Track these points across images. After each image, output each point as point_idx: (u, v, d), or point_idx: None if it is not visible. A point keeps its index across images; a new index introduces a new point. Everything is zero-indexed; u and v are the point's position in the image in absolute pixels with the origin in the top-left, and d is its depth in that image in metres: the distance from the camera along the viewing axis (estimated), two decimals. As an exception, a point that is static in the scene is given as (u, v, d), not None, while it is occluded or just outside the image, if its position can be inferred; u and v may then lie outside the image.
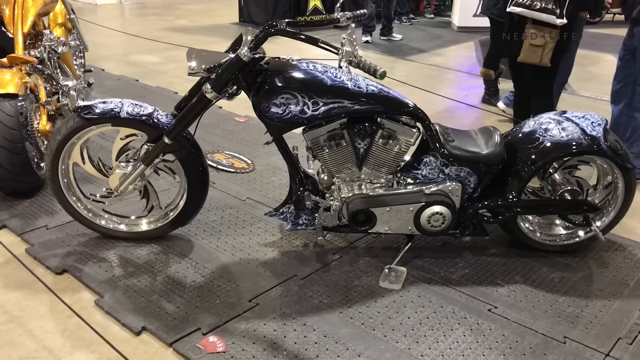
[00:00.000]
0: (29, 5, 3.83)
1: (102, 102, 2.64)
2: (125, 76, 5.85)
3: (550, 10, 3.50)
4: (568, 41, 3.67)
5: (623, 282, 2.70)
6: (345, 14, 2.59)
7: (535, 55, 3.68)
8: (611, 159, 2.69)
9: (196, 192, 2.81)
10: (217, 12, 9.83)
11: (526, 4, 3.59)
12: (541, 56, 3.66)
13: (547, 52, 3.64)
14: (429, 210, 2.64)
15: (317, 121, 2.54)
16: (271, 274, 2.67)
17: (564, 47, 3.67)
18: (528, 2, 3.57)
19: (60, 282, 2.58)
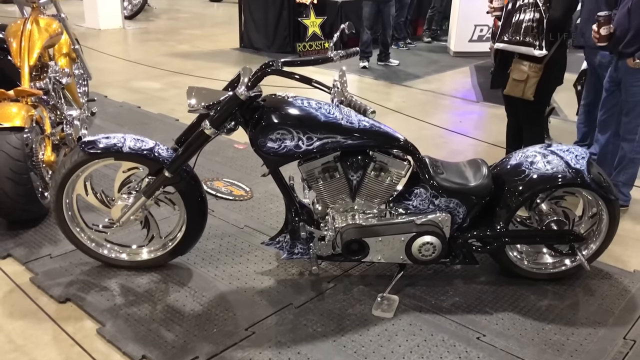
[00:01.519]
0: (36, 39, 3.96)
1: (105, 137, 2.75)
2: (128, 103, 5.98)
3: (528, 42, 3.64)
4: (554, 76, 3.80)
5: (608, 310, 2.78)
6: (339, 53, 2.71)
7: (518, 89, 3.82)
8: (595, 191, 2.79)
9: (195, 222, 2.91)
10: (218, 38, 10.00)
11: (508, 40, 3.74)
12: (523, 90, 3.80)
13: (529, 86, 3.76)
14: (420, 240, 2.74)
15: (311, 155, 2.65)
16: (267, 302, 2.76)
17: (549, 81, 3.79)
18: (508, 38, 3.72)
19: (63, 311, 2.67)
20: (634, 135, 3.69)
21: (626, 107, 3.69)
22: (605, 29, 3.60)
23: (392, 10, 8.09)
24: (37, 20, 4.09)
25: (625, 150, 3.75)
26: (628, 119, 3.70)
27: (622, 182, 3.76)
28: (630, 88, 3.63)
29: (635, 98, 3.62)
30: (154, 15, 12.52)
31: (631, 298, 2.89)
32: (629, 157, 3.74)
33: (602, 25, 3.60)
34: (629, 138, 3.71)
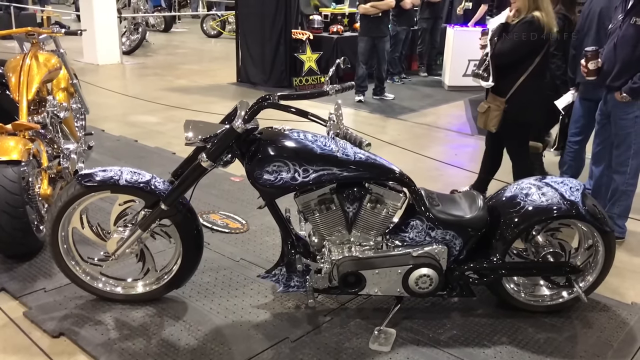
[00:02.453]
0: (34, 73, 4.00)
1: (102, 170, 2.76)
2: (125, 137, 6.01)
3: (481, 75, 3.87)
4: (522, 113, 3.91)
5: (607, 343, 2.76)
6: (334, 87, 2.74)
7: (481, 120, 4.05)
8: (590, 223, 2.80)
9: (191, 255, 2.90)
10: (216, 72, 10.12)
11: (472, 73, 4.07)
12: (485, 121, 3.99)
13: (491, 118, 3.95)
14: (416, 272, 2.73)
15: (307, 187, 2.66)
16: (263, 336, 2.74)
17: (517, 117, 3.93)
18: (473, 71, 4.03)
19: (57, 346, 2.64)
20: (625, 167, 3.73)
21: (616, 140, 3.74)
22: (593, 64, 3.70)
23: (387, 45, 8.23)
24: (36, 55, 4.15)
25: (618, 183, 3.78)
26: (618, 152, 3.75)
27: (617, 214, 3.77)
28: (619, 121, 3.69)
29: (624, 131, 3.68)
30: (152, 50, 12.67)
31: (630, 330, 2.87)
32: (621, 189, 3.77)
33: (589, 60, 3.70)
34: (621, 170, 3.75)
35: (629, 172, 3.72)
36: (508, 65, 3.86)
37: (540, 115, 4.05)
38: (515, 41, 3.78)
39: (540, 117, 4.06)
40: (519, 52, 3.81)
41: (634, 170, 3.73)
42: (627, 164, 3.71)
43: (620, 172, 3.77)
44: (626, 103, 3.61)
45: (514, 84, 3.85)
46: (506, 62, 3.86)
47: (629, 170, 3.72)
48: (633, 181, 3.77)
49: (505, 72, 3.88)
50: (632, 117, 3.63)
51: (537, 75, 3.87)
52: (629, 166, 3.71)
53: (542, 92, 3.95)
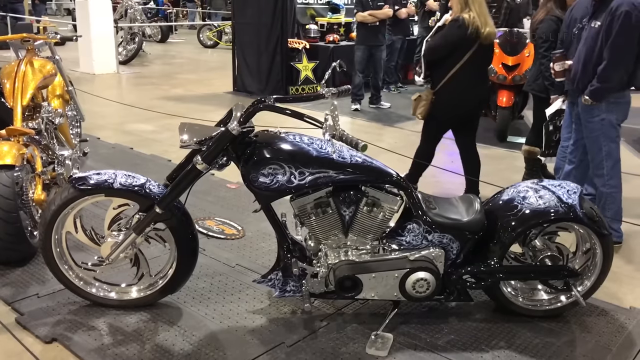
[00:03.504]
0: (29, 79, 3.99)
1: (96, 173, 2.74)
2: (120, 144, 5.99)
3: (417, 71, 4.41)
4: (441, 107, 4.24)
5: (605, 347, 2.74)
6: (330, 90, 2.74)
7: (412, 107, 4.43)
8: (587, 226, 2.79)
9: (186, 259, 2.87)
10: (212, 82, 10.13)
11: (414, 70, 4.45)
12: (415, 109, 4.37)
13: (419, 106, 4.31)
14: (413, 276, 2.71)
15: (303, 190, 2.64)
16: (259, 341, 2.70)
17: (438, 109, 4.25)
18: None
19: (49, 352, 2.60)
20: (601, 170, 3.78)
21: (588, 144, 3.82)
22: (559, 65, 3.91)
23: (383, 54, 8.25)
24: (31, 61, 4.14)
25: (599, 186, 3.84)
26: (592, 155, 3.81)
27: (610, 217, 3.76)
28: (587, 124, 3.77)
29: (593, 134, 3.73)
30: (149, 60, 12.70)
31: (628, 335, 2.85)
32: (605, 192, 3.80)
33: (556, 61, 3.93)
34: (598, 173, 3.80)
35: (606, 174, 3.75)
36: (437, 61, 4.20)
37: (467, 109, 4.31)
38: (441, 39, 4.16)
39: (467, 110, 4.31)
40: (444, 49, 4.12)
41: (610, 171, 3.75)
42: (602, 166, 3.75)
43: (598, 175, 3.81)
44: (591, 106, 3.67)
45: (442, 79, 4.15)
46: (434, 58, 4.21)
47: (606, 172, 3.75)
48: (613, 182, 3.78)
49: (435, 68, 4.25)
50: (599, 120, 3.68)
51: (465, 72, 4.10)
52: (604, 168, 3.75)
53: (468, 88, 4.17)
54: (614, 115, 3.67)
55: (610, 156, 3.74)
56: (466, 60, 4.05)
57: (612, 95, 3.61)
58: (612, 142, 3.73)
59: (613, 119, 3.68)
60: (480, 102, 4.42)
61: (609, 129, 3.69)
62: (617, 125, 3.72)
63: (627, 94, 3.71)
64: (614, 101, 3.64)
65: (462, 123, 4.39)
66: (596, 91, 3.60)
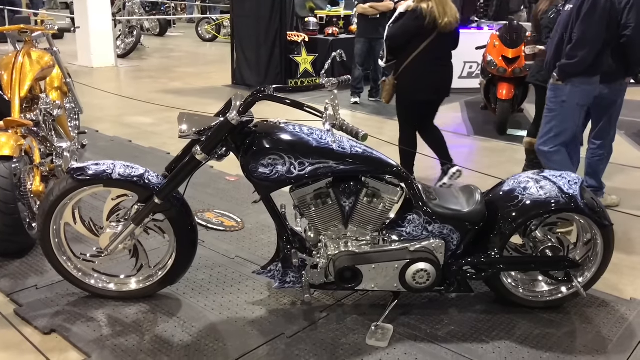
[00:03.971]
0: (27, 71, 3.96)
1: (94, 164, 2.72)
2: (119, 137, 5.97)
3: (380, 56, 4.51)
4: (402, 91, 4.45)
5: (606, 338, 2.73)
6: (330, 80, 2.72)
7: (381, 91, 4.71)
8: (588, 217, 2.77)
9: (185, 250, 2.85)
10: (210, 75, 10.10)
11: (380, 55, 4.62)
12: (382, 92, 4.64)
13: (384, 91, 4.60)
14: (413, 267, 2.69)
15: (303, 181, 2.62)
16: (258, 332, 2.69)
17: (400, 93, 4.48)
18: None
19: (48, 342, 2.59)
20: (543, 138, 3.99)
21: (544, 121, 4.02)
22: (529, 49, 4.19)
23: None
24: (29, 53, 4.11)
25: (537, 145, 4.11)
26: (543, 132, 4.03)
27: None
28: (549, 104, 3.96)
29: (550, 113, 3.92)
30: (147, 54, 12.66)
31: (629, 326, 2.84)
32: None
33: (527, 45, 4.23)
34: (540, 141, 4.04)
35: (547, 152, 3.96)
36: (398, 48, 4.41)
37: (425, 95, 4.46)
38: (399, 29, 4.34)
39: (424, 96, 4.46)
40: (402, 38, 4.34)
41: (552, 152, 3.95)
42: (547, 143, 3.96)
43: (540, 137, 4.03)
44: (556, 86, 3.83)
45: (402, 64, 4.36)
46: (394, 44, 4.42)
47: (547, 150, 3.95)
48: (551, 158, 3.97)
49: (396, 54, 4.45)
50: (559, 102, 3.85)
51: (423, 59, 4.28)
52: (547, 146, 3.96)
53: (427, 74, 4.34)
54: (575, 99, 3.81)
55: (557, 138, 3.92)
56: (424, 48, 4.26)
57: (578, 78, 3.75)
58: (566, 128, 3.90)
59: (574, 103, 3.81)
60: (440, 89, 4.53)
61: (568, 112, 3.85)
62: (577, 109, 3.85)
63: (593, 81, 3.82)
64: (578, 85, 3.77)
65: (425, 108, 4.58)
66: (562, 68, 3.76)
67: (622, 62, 4.00)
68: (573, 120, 3.88)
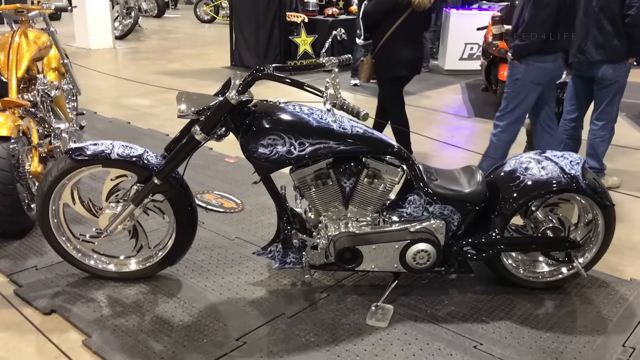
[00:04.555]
0: (24, 51, 3.92)
1: (93, 144, 2.70)
2: (117, 119, 5.93)
3: (357, 34, 4.61)
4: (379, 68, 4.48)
5: (606, 318, 2.73)
6: (331, 59, 2.69)
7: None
8: (590, 197, 2.76)
9: (185, 231, 2.84)
10: (209, 57, 10.02)
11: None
12: (360, 72, 4.66)
13: (362, 70, 4.61)
14: (414, 247, 2.69)
15: (303, 161, 2.60)
16: (259, 312, 2.69)
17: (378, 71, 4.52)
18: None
19: (48, 323, 2.59)
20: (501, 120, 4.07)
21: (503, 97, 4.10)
22: (496, 28, 4.31)
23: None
24: (25, 33, 4.06)
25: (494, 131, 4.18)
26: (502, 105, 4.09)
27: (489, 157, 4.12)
28: (507, 81, 4.04)
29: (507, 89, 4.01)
30: (145, 35, 12.55)
31: (629, 306, 2.84)
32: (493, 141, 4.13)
33: (494, 24, 4.33)
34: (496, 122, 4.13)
35: (501, 127, 4.05)
36: (374, 25, 4.45)
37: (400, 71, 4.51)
38: (374, 6, 4.41)
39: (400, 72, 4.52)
40: (377, 15, 4.40)
41: (507, 126, 4.04)
42: (502, 119, 4.04)
43: (496, 120, 4.13)
44: (513, 65, 3.92)
45: (379, 42, 4.41)
46: (370, 22, 4.47)
47: (502, 125, 4.05)
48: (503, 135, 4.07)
49: (372, 31, 4.48)
50: (514, 80, 3.94)
51: (399, 36, 4.35)
52: (503, 121, 4.04)
53: (404, 51, 4.40)
54: (529, 77, 3.87)
55: (512, 112, 3.99)
56: (399, 25, 4.33)
57: (532, 57, 3.81)
58: (519, 103, 3.95)
59: (527, 81, 3.87)
60: (413, 66, 4.59)
61: (521, 90, 3.92)
62: (531, 87, 3.89)
63: (547, 60, 3.83)
64: (533, 63, 3.83)
65: (401, 84, 4.67)
66: (514, 48, 3.86)
67: (625, 42, 3.96)
68: (526, 98, 3.95)
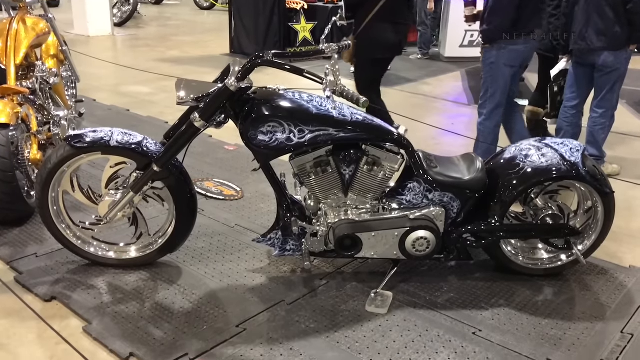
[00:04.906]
0: (22, 38, 3.90)
1: (92, 131, 2.69)
2: (116, 106, 5.92)
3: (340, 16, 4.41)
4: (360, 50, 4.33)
5: (605, 305, 2.74)
6: (330, 46, 2.67)
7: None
8: (590, 184, 2.76)
9: (185, 219, 2.84)
10: (208, 44, 9.97)
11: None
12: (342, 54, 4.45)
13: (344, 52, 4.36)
14: (413, 235, 2.69)
15: (303, 148, 2.60)
16: (259, 299, 2.70)
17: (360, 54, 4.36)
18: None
19: (49, 309, 2.60)
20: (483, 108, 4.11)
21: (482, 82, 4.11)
22: (468, 10, 4.27)
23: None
24: (23, 19, 4.05)
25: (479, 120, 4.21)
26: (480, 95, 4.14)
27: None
28: (482, 66, 4.06)
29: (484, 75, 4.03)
30: (144, 22, 12.48)
31: (627, 293, 2.85)
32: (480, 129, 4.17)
33: (467, 6, 4.28)
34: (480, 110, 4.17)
35: (485, 114, 4.08)
36: (356, 6, 4.33)
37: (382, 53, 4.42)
38: None
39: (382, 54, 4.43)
40: None
41: (489, 113, 4.07)
42: (485, 106, 4.08)
43: (480, 108, 4.14)
44: (485, 49, 3.95)
45: (362, 24, 4.28)
46: (352, 3, 4.37)
47: (485, 112, 4.08)
48: (488, 123, 4.10)
49: (355, 13, 4.35)
50: (489, 64, 3.97)
51: (381, 18, 4.23)
52: (485, 108, 4.08)
53: (387, 33, 4.28)
54: (503, 60, 3.91)
55: (493, 98, 4.02)
56: (382, 6, 4.21)
57: (503, 40, 3.84)
58: (497, 87, 3.98)
59: (501, 64, 3.91)
60: (395, 47, 4.51)
61: (496, 73, 3.95)
62: (505, 69, 3.93)
63: (518, 42, 3.86)
64: (504, 47, 3.86)
65: (382, 67, 4.58)
66: (483, 33, 3.91)
67: (626, 29, 3.94)
68: (503, 81, 3.98)
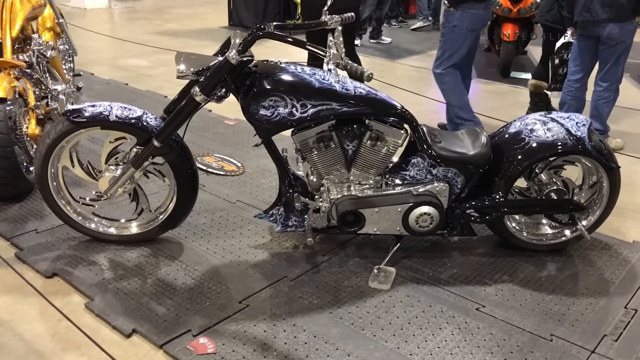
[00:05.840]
0: (17, 10, 3.82)
1: (91, 105, 2.65)
2: (115, 80, 5.85)
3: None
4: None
5: (609, 280, 2.73)
6: (333, 17, 2.61)
7: None
8: (595, 159, 2.73)
9: (186, 194, 2.81)
10: (206, 16, 9.83)
11: None
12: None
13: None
14: (417, 210, 2.66)
15: (305, 123, 2.56)
16: (261, 275, 2.69)
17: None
18: None
19: (50, 286, 2.58)
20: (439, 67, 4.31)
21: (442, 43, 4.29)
22: None
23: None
24: (18, -9, 3.95)
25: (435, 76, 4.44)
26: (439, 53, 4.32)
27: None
28: (443, 29, 4.26)
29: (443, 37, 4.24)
30: (141, -6, 12.28)
31: (631, 268, 2.84)
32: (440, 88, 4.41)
33: None
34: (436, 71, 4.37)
35: (443, 74, 4.28)
36: None
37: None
38: None
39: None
40: None
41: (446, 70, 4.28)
42: (440, 67, 4.27)
43: (434, 68, 4.36)
44: (448, 12, 4.11)
45: None
46: None
47: (444, 72, 4.27)
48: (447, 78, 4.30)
49: None
50: (451, 27, 4.14)
51: None
52: (439, 68, 4.28)
53: None
54: (465, 24, 4.08)
55: (449, 59, 4.20)
56: None
57: (466, 4, 4.01)
58: (457, 49, 4.17)
59: (463, 28, 4.09)
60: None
61: (458, 37, 4.13)
62: (467, 33, 4.12)
63: (481, 6, 4.06)
64: (467, 10, 4.04)
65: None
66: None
67: (632, 0, 3.86)
68: (464, 44, 4.16)
